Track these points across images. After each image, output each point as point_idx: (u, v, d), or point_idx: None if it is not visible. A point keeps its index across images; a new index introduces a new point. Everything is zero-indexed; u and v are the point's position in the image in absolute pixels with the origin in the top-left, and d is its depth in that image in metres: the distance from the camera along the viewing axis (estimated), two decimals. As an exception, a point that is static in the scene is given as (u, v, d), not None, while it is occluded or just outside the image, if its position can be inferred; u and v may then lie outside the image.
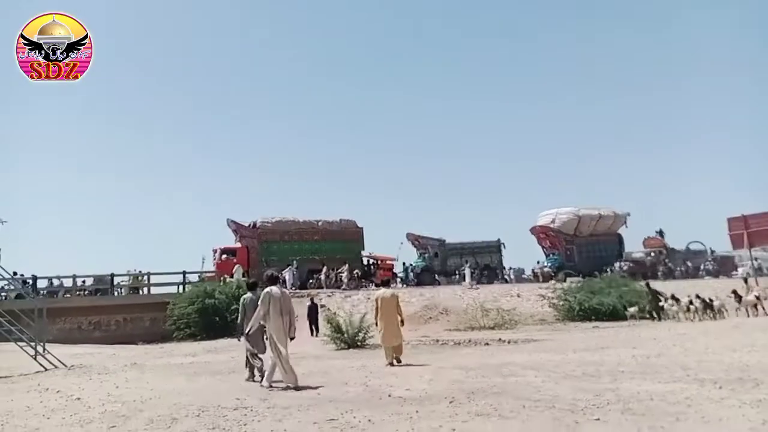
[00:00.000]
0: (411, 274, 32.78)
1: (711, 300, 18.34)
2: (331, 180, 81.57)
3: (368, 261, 32.55)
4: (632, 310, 19.63)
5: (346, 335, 14.44)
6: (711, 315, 17.86)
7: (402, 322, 10.69)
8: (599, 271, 29.71)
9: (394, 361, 10.31)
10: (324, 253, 31.49)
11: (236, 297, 20.86)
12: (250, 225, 32.08)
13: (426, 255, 34.23)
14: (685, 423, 4.95)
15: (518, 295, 25.56)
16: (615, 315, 20.15)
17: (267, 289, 8.38)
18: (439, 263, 34.08)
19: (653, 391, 6.40)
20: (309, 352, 13.59)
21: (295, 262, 29.59)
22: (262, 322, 8.37)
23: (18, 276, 21.12)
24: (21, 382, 9.80)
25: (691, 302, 18.42)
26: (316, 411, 6.14)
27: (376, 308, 10.77)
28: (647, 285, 20.85)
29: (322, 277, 29.00)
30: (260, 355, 8.91)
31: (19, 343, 11.87)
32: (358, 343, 14.39)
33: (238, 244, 31.14)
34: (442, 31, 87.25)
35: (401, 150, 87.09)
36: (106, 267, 38.70)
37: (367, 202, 76.84)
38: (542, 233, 37.66)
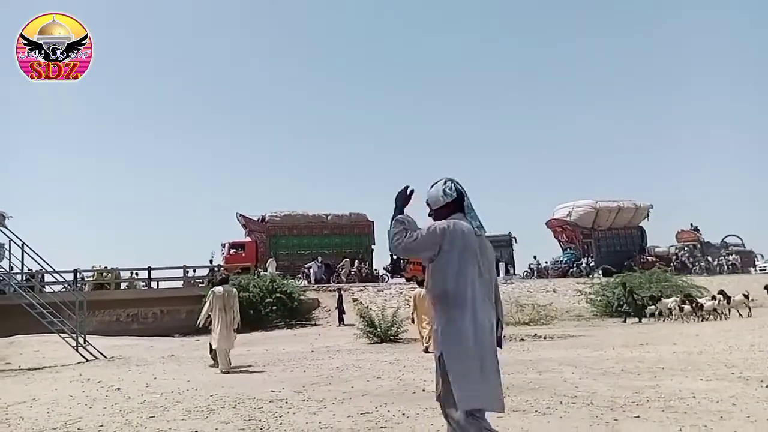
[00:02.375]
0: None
1: (702, 301, 17.51)
2: (343, 174, 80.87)
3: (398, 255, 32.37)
4: (652, 308, 18.95)
5: (378, 329, 14.44)
6: (700, 317, 16.95)
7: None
8: (620, 266, 29.35)
9: (429, 348, 11.34)
10: (334, 248, 31.24)
11: (270, 291, 21.16)
12: (258, 219, 31.98)
13: None
14: (730, 422, 4.78)
15: (554, 290, 25.22)
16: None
17: (212, 289, 10.18)
18: None
19: (695, 388, 6.21)
20: (342, 346, 13.65)
21: (320, 257, 29.75)
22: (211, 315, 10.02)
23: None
24: (64, 372, 10.08)
25: (684, 303, 17.56)
26: (350, 404, 6.14)
27: (414, 305, 12.67)
28: (623, 285, 20.20)
29: (348, 270, 29.06)
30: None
31: (62, 335, 12.22)
32: (391, 338, 14.37)
33: (248, 239, 31.19)
34: (450, 28, 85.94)
35: (413, 143, 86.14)
36: (116, 262, 39.07)
37: (379, 196, 76.09)
38: (558, 227, 36.42)
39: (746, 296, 17.33)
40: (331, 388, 7.28)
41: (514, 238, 35.11)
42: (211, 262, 28.59)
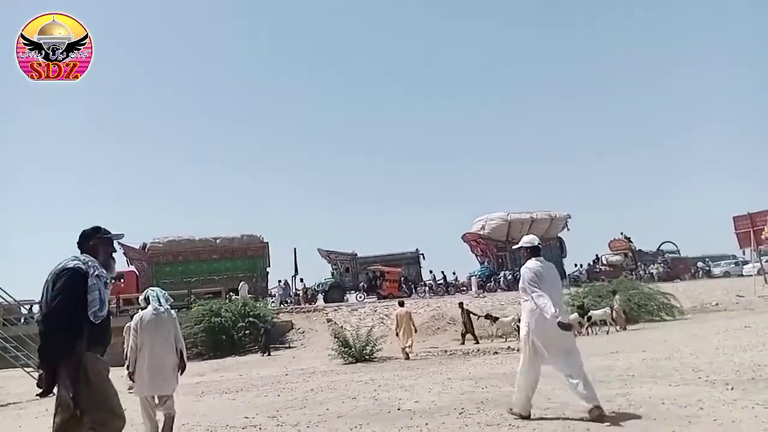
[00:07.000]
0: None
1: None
2: (239, 198, 78.49)
3: (374, 273, 32.09)
4: (573, 316, 17.84)
5: (353, 349, 14.35)
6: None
7: (415, 330, 15.34)
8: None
9: (410, 355, 14.29)
10: (225, 272, 30.13)
11: (242, 314, 20.89)
12: (139, 247, 30.57)
13: (336, 270, 32.39)
14: (698, 426, 4.90)
15: (526, 303, 25.39)
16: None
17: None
18: (350, 278, 32.19)
19: (664, 394, 6.34)
20: (317, 368, 13.54)
21: (282, 280, 29.44)
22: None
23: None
24: (30, 407, 9.77)
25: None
26: (325, 427, 6.10)
27: (397, 323, 15.09)
28: (460, 305, 19.54)
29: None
30: None
31: (27, 369, 11.86)
32: (366, 357, 14.30)
33: (130, 268, 29.91)
34: (361, 32, 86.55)
35: (317, 161, 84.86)
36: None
37: (279, 218, 74.27)
38: (473, 240, 36.41)
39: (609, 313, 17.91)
40: (306, 412, 7.22)
41: (422, 254, 34.42)
42: None
